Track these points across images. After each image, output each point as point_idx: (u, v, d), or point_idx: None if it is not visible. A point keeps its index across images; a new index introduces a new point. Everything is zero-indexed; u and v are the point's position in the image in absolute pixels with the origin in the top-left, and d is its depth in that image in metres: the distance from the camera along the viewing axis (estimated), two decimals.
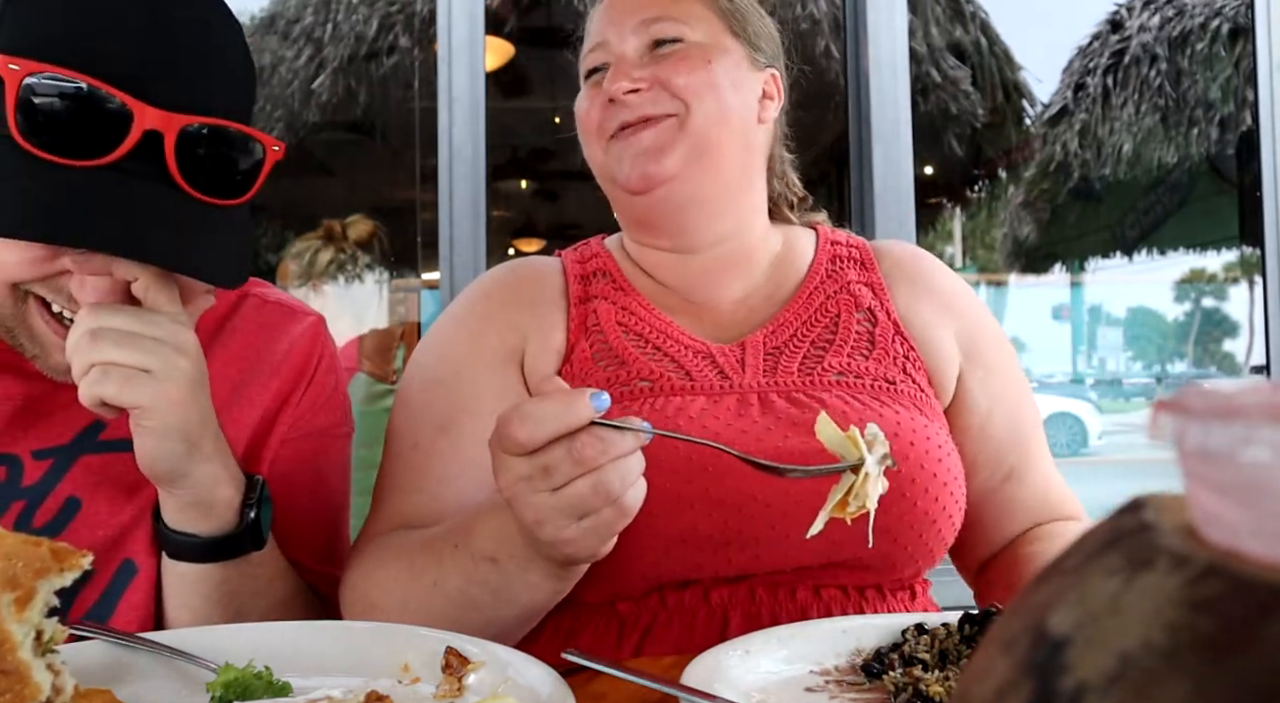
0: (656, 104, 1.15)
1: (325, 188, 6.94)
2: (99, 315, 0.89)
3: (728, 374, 1.12)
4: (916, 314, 1.20)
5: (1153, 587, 0.23)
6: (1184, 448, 0.24)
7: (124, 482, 1.02)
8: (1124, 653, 0.22)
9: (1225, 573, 0.22)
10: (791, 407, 1.08)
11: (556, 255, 1.31)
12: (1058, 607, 0.25)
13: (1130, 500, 0.28)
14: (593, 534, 0.84)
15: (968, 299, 1.26)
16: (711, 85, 1.16)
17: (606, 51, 1.20)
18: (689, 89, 1.15)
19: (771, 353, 1.15)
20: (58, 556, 0.65)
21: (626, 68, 1.16)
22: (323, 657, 0.81)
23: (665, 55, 1.17)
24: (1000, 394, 1.21)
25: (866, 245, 1.29)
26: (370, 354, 4.13)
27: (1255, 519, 0.23)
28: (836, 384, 1.12)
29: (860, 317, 1.20)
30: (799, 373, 1.13)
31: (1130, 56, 6.69)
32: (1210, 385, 0.25)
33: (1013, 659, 0.25)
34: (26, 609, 0.62)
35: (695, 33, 1.18)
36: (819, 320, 1.19)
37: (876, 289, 1.23)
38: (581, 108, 1.21)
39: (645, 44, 1.18)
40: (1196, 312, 10.22)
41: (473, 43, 2.81)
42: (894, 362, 1.16)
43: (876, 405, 1.09)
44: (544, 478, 0.81)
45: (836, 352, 1.15)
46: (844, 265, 1.26)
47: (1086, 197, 7.63)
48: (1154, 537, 0.25)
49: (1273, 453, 0.22)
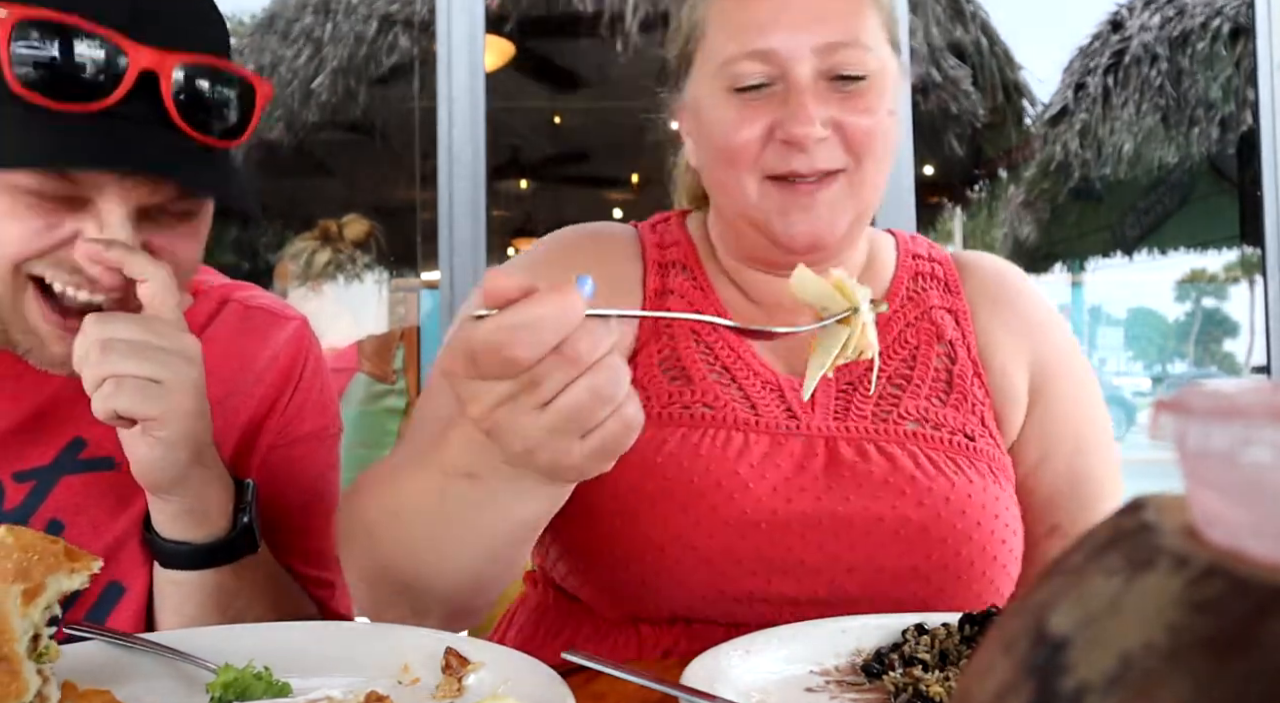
0: (833, 158, 1.01)
1: (325, 188, 6.94)
2: (107, 325, 0.88)
3: (796, 413, 1.04)
4: (996, 349, 1.12)
5: (1153, 587, 0.23)
6: (1184, 448, 0.24)
7: (106, 501, 1.01)
8: (1125, 654, 0.22)
9: (1226, 574, 0.22)
10: (859, 460, 1.01)
11: (632, 226, 1.19)
12: (1058, 607, 0.25)
13: (1131, 501, 0.28)
14: (600, 454, 0.73)
15: (1049, 330, 1.16)
16: (885, 134, 1.04)
17: (773, 66, 1.01)
18: (866, 143, 1.02)
19: (844, 390, 1.07)
20: (71, 555, 0.66)
21: (808, 105, 0.99)
22: (323, 657, 0.81)
23: (849, 95, 1.01)
24: (1057, 443, 1.11)
25: (950, 261, 1.18)
26: (370, 354, 4.13)
27: (1256, 520, 0.23)
28: (911, 436, 1.04)
29: (940, 350, 1.10)
30: (872, 417, 1.05)
31: (1131, 56, 6.69)
32: (1211, 385, 0.25)
33: (1013, 660, 0.25)
34: (32, 604, 0.63)
35: (873, 58, 1.03)
36: (897, 351, 1.10)
37: (959, 317, 1.13)
38: (729, 128, 1.02)
39: (825, 72, 1.01)
40: (1197, 312, 10.22)
41: (473, 43, 2.81)
42: (971, 409, 1.08)
43: (950, 469, 1.02)
44: (530, 394, 0.68)
45: (914, 393, 1.07)
46: (926, 285, 1.15)
47: (1087, 196, 7.63)
48: (1154, 537, 0.25)
49: (1273, 453, 0.22)
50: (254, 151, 5.93)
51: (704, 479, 0.98)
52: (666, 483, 0.98)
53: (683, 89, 1.11)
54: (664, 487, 0.98)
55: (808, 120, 0.98)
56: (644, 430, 0.95)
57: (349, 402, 4.16)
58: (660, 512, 0.97)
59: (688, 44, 1.09)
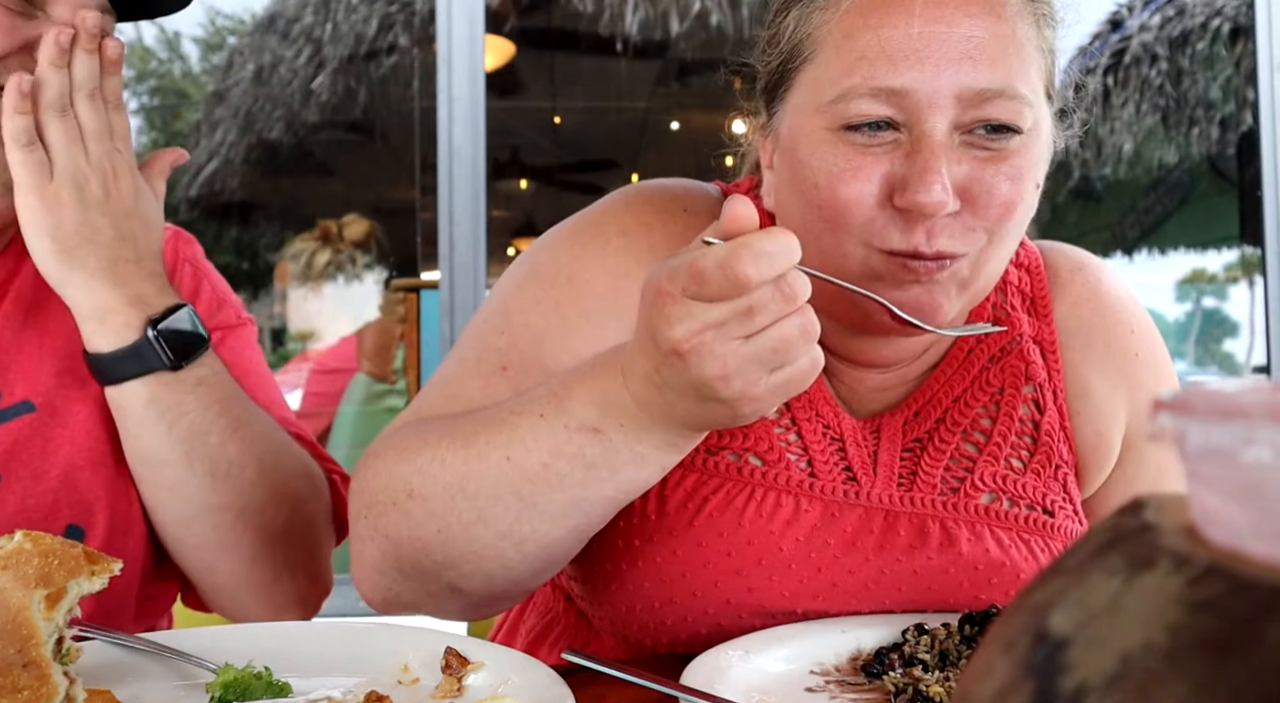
0: (956, 239, 0.82)
1: (325, 188, 6.94)
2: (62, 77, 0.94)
3: (856, 476, 0.93)
4: (1087, 395, 0.97)
5: (1154, 587, 0.23)
6: (1185, 448, 0.24)
7: (34, 445, 1.01)
8: (1125, 654, 0.22)
9: (1226, 573, 0.22)
10: (918, 544, 0.91)
11: (718, 188, 1.02)
12: (1058, 607, 0.25)
13: (1131, 501, 0.28)
14: (784, 389, 0.71)
15: (1150, 363, 1.00)
16: (1025, 206, 0.85)
17: (901, 111, 0.82)
18: (1001, 218, 0.83)
19: (911, 449, 0.95)
20: (90, 558, 0.67)
21: (940, 166, 0.80)
22: (323, 657, 0.81)
23: (993, 156, 0.82)
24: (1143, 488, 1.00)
25: (1040, 266, 1.00)
26: (370, 354, 4.13)
27: (1256, 519, 0.23)
28: (983, 514, 0.92)
29: (1028, 394, 0.96)
30: (941, 487, 0.93)
31: (1130, 56, 6.69)
32: (1211, 385, 0.25)
33: (1013, 660, 0.25)
34: (55, 609, 0.64)
35: (1030, 114, 0.84)
36: (977, 397, 0.95)
37: (1047, 350, 0.98)
38: (836, 180, 0.83)
39: (965, 125, 0.82)
40: (1197, 311, 10.20)
41: (473, 43, 2.81)
42: (1054, 474, 0.95)
43: (1021, 553, 0.91)
44: (742, 322, 0.67)
45: (990, 457, 0.94)
46: (1013, 301, 0.98)
47: (1086, 196, 7.63)
48: (1155, 537, 0.25)
49: (1274, 453, 0.22)
50: (254, 151, 5.93)
51: (743, 555, 0.89)
52: (702, 552, 0.90)
53: (774, 113, 0.92)
54: (699, 556, 0.90)
55: (933, 183, 0.79)
56: (685, 476, 0.91)
57: (349, 402, 4.16)
58: (692, 585, 0.90)
59: (789, 63, 0.89)
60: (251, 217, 6.45)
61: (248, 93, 5.82)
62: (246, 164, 5.93)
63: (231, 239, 6.37)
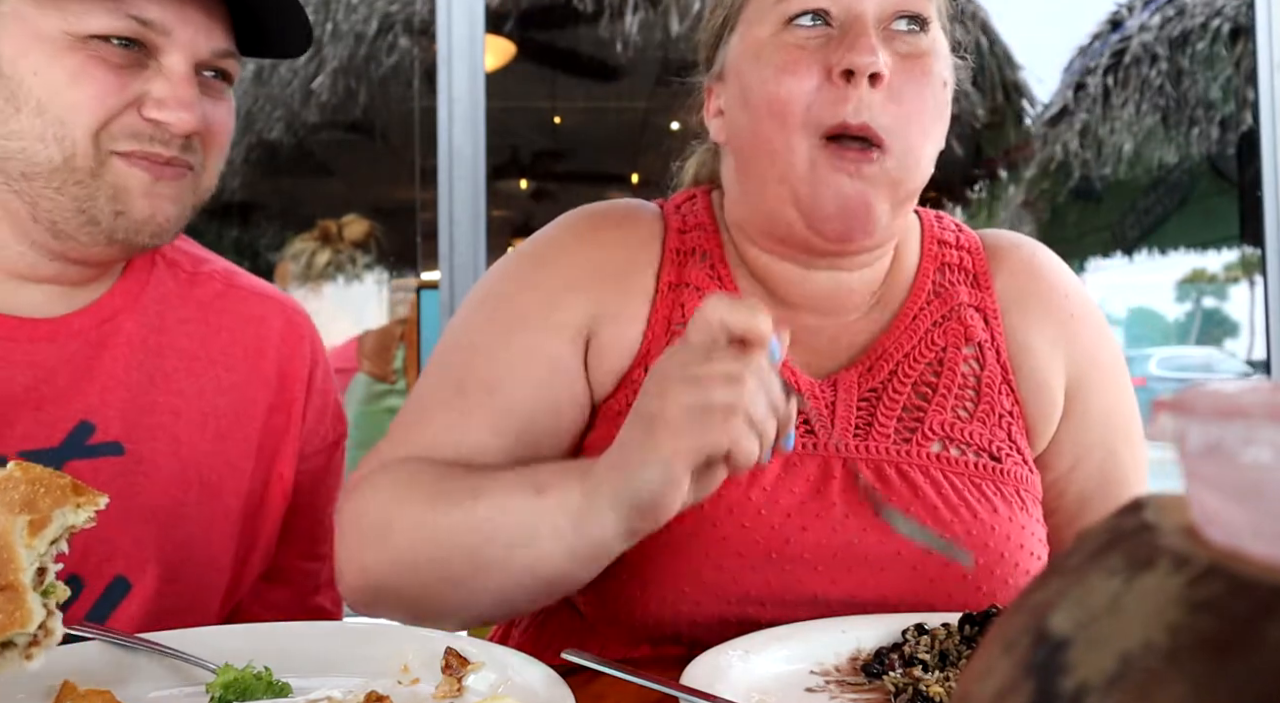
0: (877, 111, 0.92)
1: (325, 188, 6.94)
2: None
3: (814, 428, 0.98)
4: (1028, 351, 1.05)
5: (1153, 587, 0.23)
6: (1185, 448, 0.24)
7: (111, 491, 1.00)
8: (1125, 654, 0.22)
9: (1226, 574, 0.22)
10: (879, 487, 0.96)
11: (657, 206, 1.10)
12: (1058, 607, 0.25)
13: (1131, 500, 0.28)
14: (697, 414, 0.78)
15: (1085, 326, 1.09)
16: (938, 106, 0.97)
17: (835, 2, 0.94)
18: (914, 116, 0.95)
19: (866, 398, 1.01)
20: (77, 490, 0.67)
21: (871, 34, 0.93)
22: (323, 657, 0.81)
23: (907, 54, 0.95)
24: (1090, 449, 1.06)
25: (980, 248, 1.10)
26: (370, 354, 4.13)
27: (1256, 519, 0.23)
28: (935, 459, 0.98)
29: (968, 353, 1.04)
30: (895, 437, 0.99)
31: (1130, 56, 6.69)
32: (1211, 385, 0.25)
33: (1013, 660, 0.25)
34: (38, 536, 0.63)
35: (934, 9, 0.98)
36: (922, 355, 1.03)
37: (989, 316, 1.06)
38: (780, 71, 0.95)
39: (888, 13, 0.95)
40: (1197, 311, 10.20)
41: (473, 43, 2.81)
42: (999, 423, 1.02)
43: (973, 495, 0.97)
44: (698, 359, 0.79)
45: (939, 407, 1.01)
46: (954, 277, 1.07)
47: (1087, 196, 7.63)
48: (1155, 537, 0.25)
49: (1274, 453, 0.22)
50: (254, 151, 5.93)
51: (715, 505, 0.93)
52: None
53: (719, 58, 1.04)
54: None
55: (869, 49, 0.91)
56: None
57: (349, 402, 4.16)
58: (667, 538, 0.92)
59: (730, 11, 1.02)
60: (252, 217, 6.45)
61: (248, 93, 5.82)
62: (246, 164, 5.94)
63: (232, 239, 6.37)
